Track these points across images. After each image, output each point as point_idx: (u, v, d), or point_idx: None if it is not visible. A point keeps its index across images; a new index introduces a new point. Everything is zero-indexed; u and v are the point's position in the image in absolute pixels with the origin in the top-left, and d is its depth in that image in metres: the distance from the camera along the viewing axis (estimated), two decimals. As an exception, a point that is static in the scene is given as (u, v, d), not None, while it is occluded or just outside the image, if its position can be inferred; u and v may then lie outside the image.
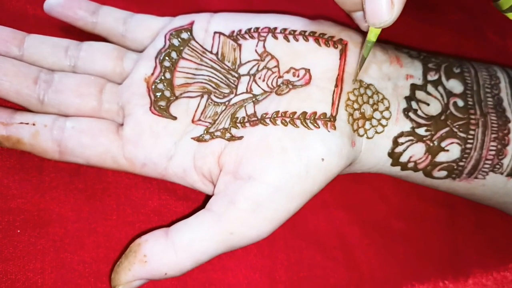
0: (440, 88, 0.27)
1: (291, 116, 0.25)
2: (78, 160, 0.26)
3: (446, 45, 0.36)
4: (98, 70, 0.28)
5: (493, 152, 0.27)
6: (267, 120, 0.25)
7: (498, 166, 0.27)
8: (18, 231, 0.26)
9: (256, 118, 0.25)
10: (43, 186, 0.27)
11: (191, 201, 0.29)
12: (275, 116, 0.25)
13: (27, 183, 0.27)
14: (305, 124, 0.25)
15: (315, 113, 0.25)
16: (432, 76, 0.28)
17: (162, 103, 0.27)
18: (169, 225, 0.25)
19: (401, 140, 0.27)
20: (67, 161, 0.26)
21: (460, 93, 0.28)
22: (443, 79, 0.28)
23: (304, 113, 0.25)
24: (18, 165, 0.27)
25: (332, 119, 0.25)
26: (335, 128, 0.25)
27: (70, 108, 0.27)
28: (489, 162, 0.27)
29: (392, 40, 0.35)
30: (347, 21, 0.28)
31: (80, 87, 0.27)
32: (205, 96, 0.27)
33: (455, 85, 0.28)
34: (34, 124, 0.26)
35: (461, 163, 0.27)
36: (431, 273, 0.31)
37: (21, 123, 0.26)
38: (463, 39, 0.36)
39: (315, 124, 0.25)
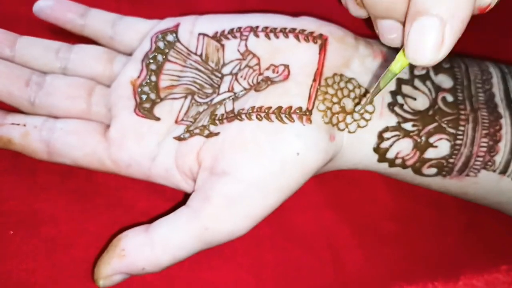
0: (428, 83, 0.27)
1: (266, 111, 0.25)
2: (66, 161, 0.27)
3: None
4: (88, 72, 0.28)
5: (484, 149, 0.26)
6: (243, 116, 0.25)
7: (490, 163, 0.27)
8: (11, 232, 0.27)
9: (233, 115, 0.26)
10: (35, 187, 0.28)
11: (179, 202, 0.29)
12: (250, 111, 0.25)
13: (20, 185, 0.28)
14: (279, 119, 0.24)
15: (290, 107, 0.25)
16: (419, 71, 0.27)
17: (147, 105, 0.27)
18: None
19: (386, 135, 0.26)
20: (55, 161, 0.27)
21: (449, 88, 0.27)
22: (431, 73, 0.27)
23: (280, 107, 0.25)
24: (11, 167, 0.28)
25: (308, 113, 0.25)
26: (310, 122, 0.25)
27: (60, 110, 0.27)
28: (481, 159, 0.27)
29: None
30: (332, 18, 0.28)
31: (70, 89, 0.27)
32: (189, 97, 0.27)
33: (444, 80, 0.27)
34: (24, 125, 0.27)
35: (451, 160, 0.27)
36: (420, 275, 0.31)
37: (13, 123, 0.27)
38: (460, 38, 0.35)
39: (290, 118, 0.24)
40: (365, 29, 0.31)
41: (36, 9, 0.29)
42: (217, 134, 0.25)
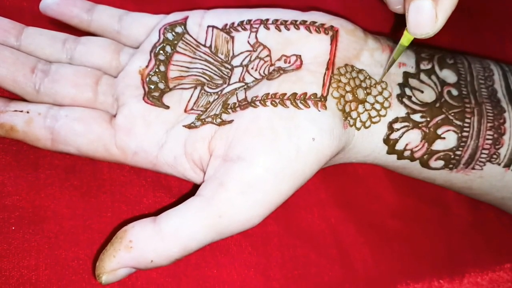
0: (433, 77, 0.27)
1: (281, 97, 0.25)
2: (69, 149, 0.26)
3: (443, 43, 0.36)
4: (94, 62, 0.28)
5: (489, 141, 0.27)
6: (257, 103, 0.25)
7: (495, 156, 0.27)
8: (13, 228, 0.26)
9: (246, 102, 0.25)
10: (38, 183, 0.27)
11: (185, 198, 0.29)
12: (265, 98, 0.25)
13: (22, 180, 0.27)
14: (295, 104, 0.25)
15: (305, 93, 0.25)
16: (425, 66, 0.28)
17: (156, 94, 0.27)
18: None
19: (396, 126, 0.27)
20: (59, 150, 0.26)
21: (454, 82, 0.28)
22: (436, 68, 0.28)
23: (294, 94, 0.25)
24: (14, 162, 0.27)
25: (322, 99, 0.25)
26: (325, 108, 0.25)
27: (65, 98, 0.27)
28: (486, 151, 0.27)
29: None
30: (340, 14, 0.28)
31: (76, 77, 0.27)
32: (198, 87, 0.27)
33: (448, 75, 0.28)
34: (28, 112, 0.26)
35: (458, 152, 0.27)
36: (426, 272, 0.31)
37: (15, 110, 0.26)
38: (460, 39, 0.36)
39: (305, 104, 0.25)
40: (370, 26, 0.31)
41: (43, 6, 0.29)
42: (230, 121, 0.25)
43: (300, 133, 0.24)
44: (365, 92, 0.26)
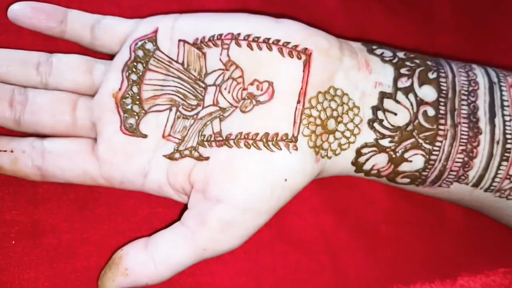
0: (410, 96, 0.27)
1: (254, 137, 0.25)
2: (60, 181, 0.27)
3: (444, 45, 0.35)
4: (69, 86, 0.28)
5: (458, 164, 0.27)
6: (231, 142, 0.26)
7: (463, 178, 0.27)
8: (13, 242, 0.27)
9: (221, 138, 0.26)
10: (36, 197, 0.28)
11: (180, 209, 0.30)
12: (238, 137, 0.26)
13: (21, 195, 0.28)
14: (267, 146, 0.25)
15: (277, 134, 0.25)
16: (403, 83, 0.27)
17: (132, 121, 0.27)
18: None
19: (364, 151, 0.27)
20: (50, 181, 0.27)
21: (432, 101, 0.27)
22: (415, 85, 0.27)
23: (266, 134, 0.25)
24: (12, 177, 0.28)
25: (294, 140, 0.25)
26: (297, 149, 0.25)
27: (46, 127, 0.27)
28: (454, 173, 0.27)
29: (389, 40, 0.35)
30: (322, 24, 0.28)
31: (53, 106, 0.27)
32: (174, 109, 0.27)
33: (428, 92, 0.27)
34: (12, 151, 0.26)
35: (424, 173, 0.27)
36: (418, 277, 0.31)
37: (0, 150, 0.27)
38: (461, 39, 0.35)
39: (277, 146, 0.25)
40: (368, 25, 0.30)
41: (11, 15, 0.28)
42: (207, 158, 0.26)
43: (273, 175, 0.25)
44: (336, 122, 0.26)
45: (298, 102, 0.26)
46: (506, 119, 0.27)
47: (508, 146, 0.27)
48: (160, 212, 0.29)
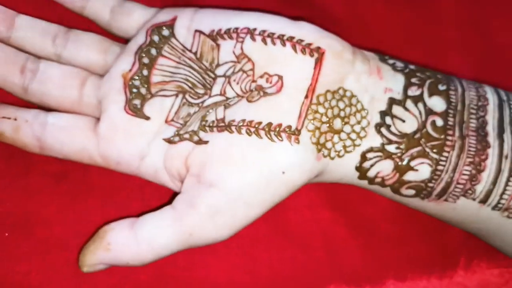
0: (420, 105, 0.26)
1: (256, 126, 0.25)
2: (57, 156, 0.27)
3: (449, 41, 0.34)
4: (82, 61, 0.28)
5: (466, 177, 0.26)
6: (233, 128, 0.25)
7: (470, 192, 0.26)
8: (6, 234, 0.27)
9: (223, 124, 0.26)
10: (29, 189, 0.28)
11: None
12: (241, 124, 0.25)
13: (13, 187, 0.28)
14: (269, 136, 0.25)
15: (280, 125, 0.25)
16: (413, 92, 0.26)
17: (137, 102, 0.27)
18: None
19: (369, 155, 0.26)
20: (47, 155, 0.27)
21: (441, 111, 0.26)
22: (425, 95, 0.26)
23: (270, 124, 0.25)
24: (5, 169, 0.28)
25: (296, 133, 0.25)
26: (298, 142, 0.25)
27: (52, 99, 0.27)
28: (461, 186, 0.26)
29: (393, 36, 0.34)
30: (331, 28, 0.27)
31: (63, 79, 0.28)
32: (180, 96, 0.27)
33: (437, 103, 0.26)
34: (15, 119, 0.27)
35: (430, 184, 0.26)
36: (415, 272, 0.31)
37: (3, 117, 0.27)
38: (466, 35, 0.34)
39: (279, 137, 0.25)
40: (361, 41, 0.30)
41: None
42: (206, 142, 0.25)
43: (271, 166, 0.24)
44: (343, 122, 0.26)
45: (306, 97, 0.25)
46: None
47: None
48: (153, 205, 0.29)
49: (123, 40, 0.30)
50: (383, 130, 0.26)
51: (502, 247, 0.30)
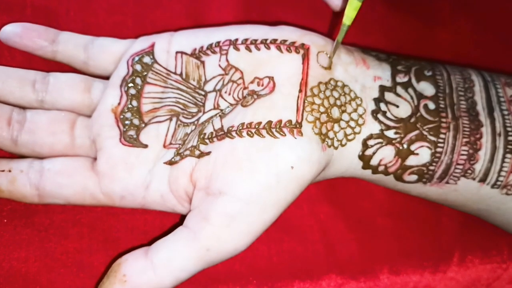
0: (410, 90, 0.27)
1: (257, 126, 0.25)
2: (58, 201, 0.26)
3: (444, 43, 0.35)
4: (66, 104, 0.28)
5: (464, 157, 0.27)
6: (233, 133, 0.25)
7: (469, 171, 0.27)
8: (5, 220, 0.27)
9: (223, 132, 0.25)
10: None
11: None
12: (240, 128, 0.25)
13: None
14: (271, 133, 0.25)
15: (280, 121, 0.25)
16: (401, 78, 0.27)
17: (132, 133, 0.27)
18: (151, 242, 0.26)
19: (370, 142, 0.27)
20: (47, 203, 0.27)
21: (431, 95, 0.27)
22: (413, 81, 0.27)
23: (270, 122, 0.25)
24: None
25: (298, 126, 0.25)
26: (302, 135, 0.25)
27: (43, 147, 0.27)
28: (460, 167, 0.27)
29: (387, 38, 0.35)
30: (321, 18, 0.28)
31: (51, 125, 0.27)
32: (174, 119, 0.27)
33: (426, 88, 0.27)
34: (10, 171, 0.26)
35: (431, 167, 0.27)
36: (410, 267, 0.31)
37: None
38: (461, 37, 0.35)
39: (281, 133, 0.24)
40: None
41: (3, 36, 0.28)
42: (208, 153, 0.25)
43: (278, 163, 0.24)
44: (340, 110, 0.26)
45: (300, 91, 0.25)
46: (504, 113, 0.27)
47: (510, 138, 0.27)
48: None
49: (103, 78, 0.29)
50: (380, 116, 0.27)
51: (503, 225, 0.30)
